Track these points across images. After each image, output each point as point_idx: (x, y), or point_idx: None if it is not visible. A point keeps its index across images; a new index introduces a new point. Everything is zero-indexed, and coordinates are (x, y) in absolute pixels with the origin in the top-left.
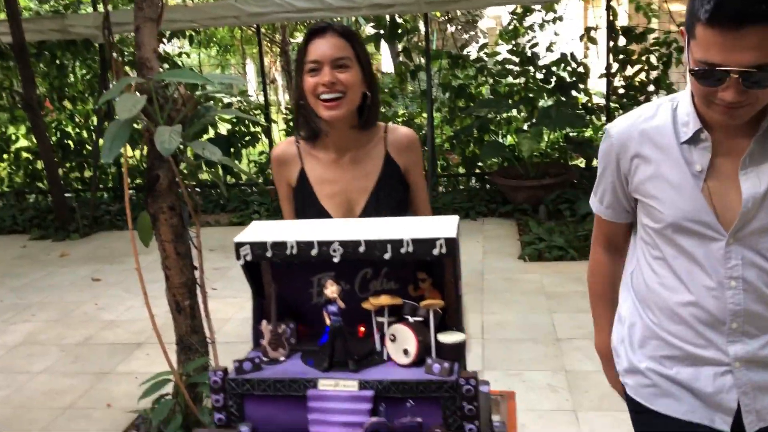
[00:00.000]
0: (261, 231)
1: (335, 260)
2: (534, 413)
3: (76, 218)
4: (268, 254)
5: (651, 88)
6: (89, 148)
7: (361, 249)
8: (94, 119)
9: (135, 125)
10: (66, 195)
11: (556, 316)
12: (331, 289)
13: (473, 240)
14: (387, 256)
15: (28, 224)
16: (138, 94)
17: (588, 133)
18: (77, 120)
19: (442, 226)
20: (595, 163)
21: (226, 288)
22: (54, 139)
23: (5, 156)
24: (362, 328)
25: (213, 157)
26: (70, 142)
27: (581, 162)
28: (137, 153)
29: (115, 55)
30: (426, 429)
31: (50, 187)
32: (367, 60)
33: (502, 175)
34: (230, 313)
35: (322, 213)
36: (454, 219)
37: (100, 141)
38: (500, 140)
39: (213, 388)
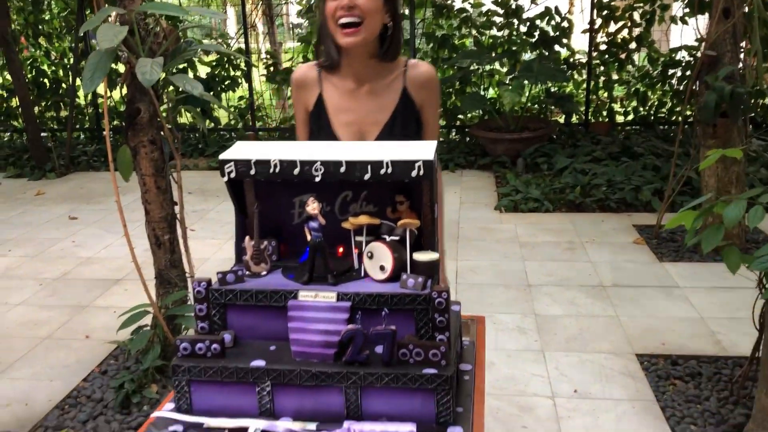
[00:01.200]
0: (245, 150)
1: (317, 179)
2: (503, 352)
3: (52, 158)
4: (252, 172)
5: (633, 45)
6: (65, 87)
7: (342, 169)
8: (71, 58)
9: (113, 65)
10: (42, 134)
11: (528, 264)
12: (313, 206)
13: (451, 191)
14: (367, 176)
15: (3, 162)
16: (119, 25)
17: (569, 88)
18: (53, 58)
19: (420, 150)
20: (574, 119)
21: (204, 229)
22: (29, 77)
23: None
24: (341, 249)
25: (194, 91)
26: (45, 80)
27: (561, 117)
28: (115, 93)
29: None
30: (400, 339)
31: (25, 126)
32: None
33: (482, 128)
34: (208, 253)
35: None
36: (432, 144)
37: (77, 80)
38: (482, 93)
39: (197, 297)
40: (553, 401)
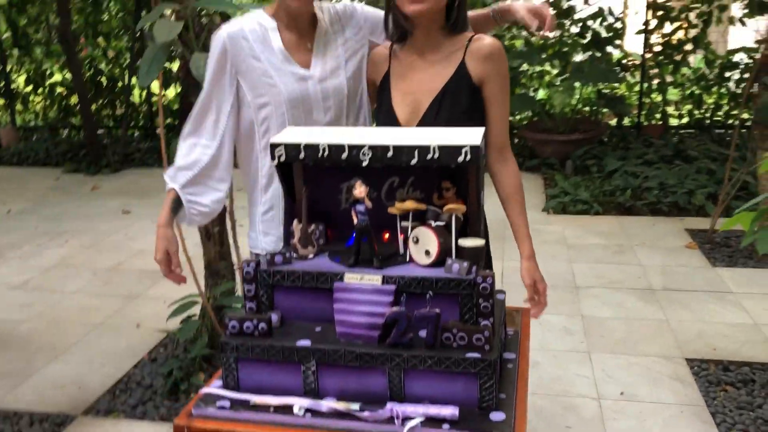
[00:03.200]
0: (295, 134)
1: (364, 164)
2: (549, 352)
3: (107, 154)
4: (301, 156)
5: (689, 47)
6: (121, 85)
7: (390, 154)
8: (127, 57)
9: (168, 63)
10: (98, 131)
11: (575, 266)
12: (360, 189)
13: None
14: (413, 161)
15: (61, 158)
16: (174, 21)
17: (621, 90)
18: (110, 57)
19: (468, 135)
20: (626, 121)
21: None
22: (88, 75)
23: (40, 90)
24: (386, 235)
25: None
26: (102, 78)
27: (612, 119)
28: (170, 92)
29: None
30: (443, 323)
31: (83, 123)
32: None
33: (532, 129)
34: None
35: (389, 113)
36: (479, 130)
37: (133, 79)
38: (531, 94)
39: (245, 278)
40: (598, 402)
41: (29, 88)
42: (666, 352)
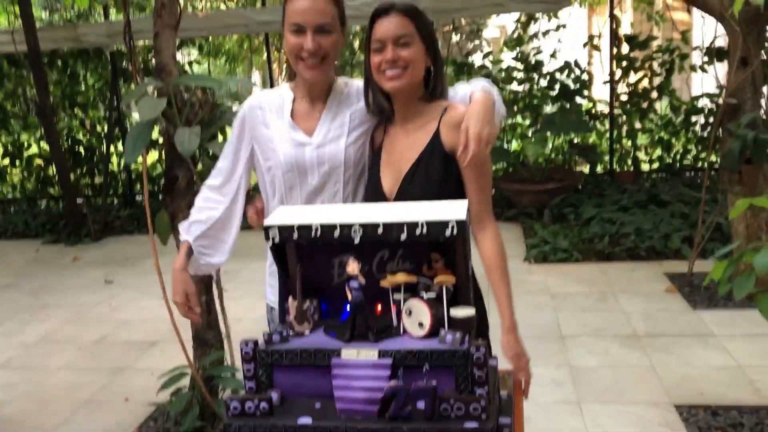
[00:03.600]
0: (287, 215)
1: (356, 241)
2: (538, 406)
3: (87, 223)
4: (295, 236)
5: (654, 94)
6: (99, 154)
7: (380, 230)
8: (104, 126)
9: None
10: (77, 201)
11: (560, 315)
12: (353, 266)
13: None
14: (403, 237)
15: (40, 229)
16: (157, 97)
17: (592, 138)
18: (87, 127)
19: (452, 210)
20: (599, 168)
21: (237, 289)
22: (65, 145)
23: (17, 162)
24: (379, 307)
25: None
26: (80, 148)
27: (586, 167)
28: (149, 157)
29: (132, 60)
30: (440, 393)
31: (63, 193)
32: (429, 35)
33: (508, 180)
34: (242, 313)
35: (376, 182)
36: (463, 203)
37: (111, 148)
38: (505, 146)
39: (244, 358)
40: None
41: (6, 161)
42: (654, 399)
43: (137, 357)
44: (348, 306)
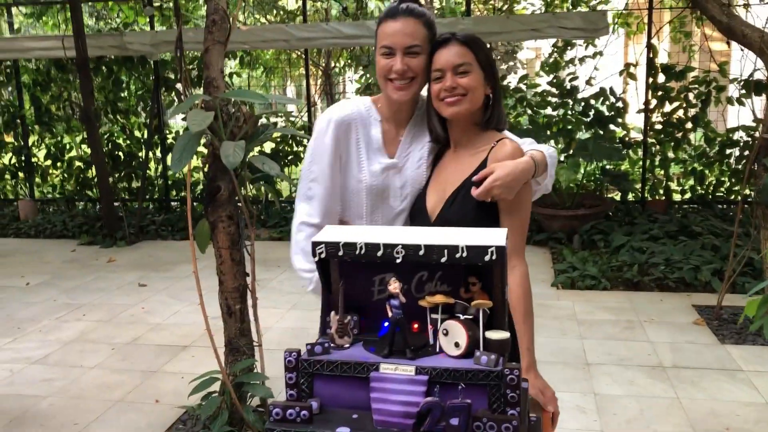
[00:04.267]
0: (334, 233)
1: (397, 261)
2: (563, 431)
3: (123, 226)
4: (340, 253)
5: (689, 125)
6: (138, 159)
7: (421, 252)
8: (144, 132)
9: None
10: (114, 204)
11: (586, 342)
12: (394, 285)
13: None
14: (443, 259)
15: (77, 230)
16: (204, 110)
17: (624, 166)
18: (128, 132)
19: (493, 236)
20: (630, 196)
21: (266, 299)
22: (105, 150)
23: (59, 164)
24: (416, 325)
25: (272, 172)
26: (120, 153)
27: (617, 195)
28: (185, 168)
29: (181, 73)
30: (473, 412)
31: (101, 196)
32: (488, 64)
33: (538, 204)
34: (270, 322)
35: (422, 199)
36: (503, 231)
37: (149, 153)
38: None
39: (287, 366)
40: None
41: (48, 162)
42: (679, 431)
43: (168, 360)
44: (386, 323)
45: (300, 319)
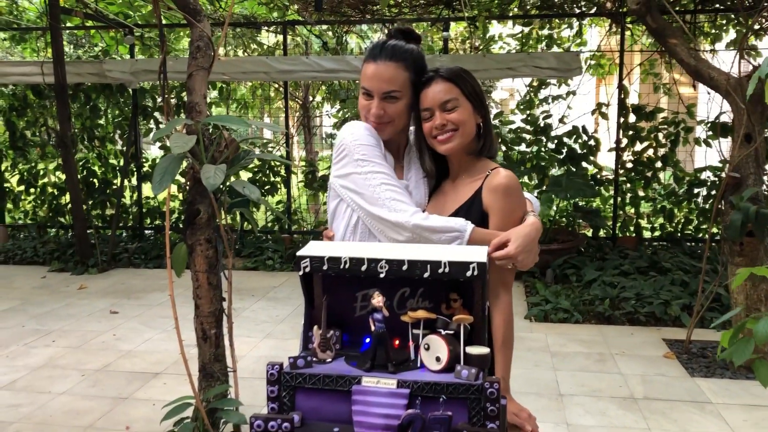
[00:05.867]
0: (318, 248)
1: (381, 276)
2: None
3: (95, 254)
4: (325, 267)
5: (658, 164)
6: (113, 186)
7: (404, 267)
8: (120, 160)
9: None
10: (87, 231)
11: (559, 374)
12: (378, 299)
13: None
14: (426, 274)
15: (48, 256)
16: (186, 134)
17: (596, 203)
18: (103, 159)
19: (474, 253)
20: (602, 232)
21: (240, 327)
22: (80, 176)
23: (32, 190)
24: (397, 341)
25: (252, 196)
26: (95, 180)
27: (589, 231)
28: (160, 195)
29: (164, 98)
30: (454, 426)
31: (74, 222)
32: (475, 94)
33: None
34: (244, 351)
35: None
36: (483, 248)
37: (125, 181)
38: None
39: (269, 380)
40: None
41: (21, 187)
42: None
43: (139, 387)
44: (369, 338)
45: (274, 348)
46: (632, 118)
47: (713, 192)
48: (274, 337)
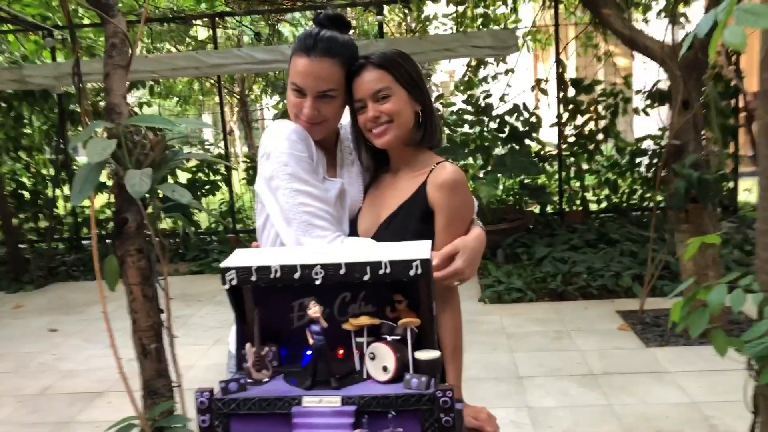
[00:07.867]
0: (245, 257)
1: (317, 282)
2: None
3: (30, 269)
4: (253, 278)
5: (600, 136)
6: (44, 198)
7: (342, 271)
8: (50, 169)
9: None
10: (20, 246)
11: (516, 356)
12: (314, 309)
13: None
14: (366, 277)
15: None
16: (106, 138)
17: (542, 179)
18: (32, 170)
19: (416, 249)
20: (549, 208)
21: (187, 335)
22: (8, 189)
23: None
24: (341, 351)
25: (183, 200)
26: (25, 192)
27: (536, 208)
28: (97, 201)
29: (80, 100)
30: None
31: (5, 238)
32: (411, 80)
33: None
34: (193, 359)
35: (353, 222)
36: (426, 243)
37: (57, 191)
38: None
39: (199, 408)
40: None
41: None
42: None
43: (82, 409)
44: (309, 351)
45: (224, 355)
46: (571, 92)
47: (655, 161)
48: (224, 343)
